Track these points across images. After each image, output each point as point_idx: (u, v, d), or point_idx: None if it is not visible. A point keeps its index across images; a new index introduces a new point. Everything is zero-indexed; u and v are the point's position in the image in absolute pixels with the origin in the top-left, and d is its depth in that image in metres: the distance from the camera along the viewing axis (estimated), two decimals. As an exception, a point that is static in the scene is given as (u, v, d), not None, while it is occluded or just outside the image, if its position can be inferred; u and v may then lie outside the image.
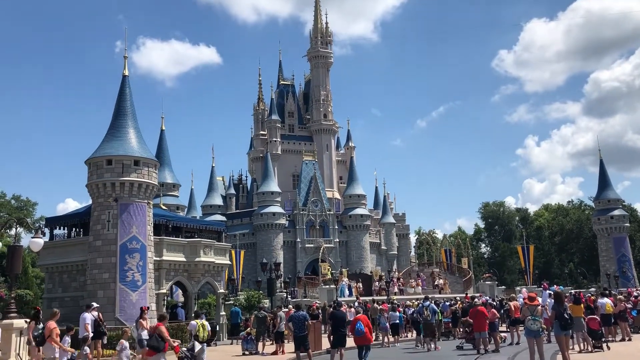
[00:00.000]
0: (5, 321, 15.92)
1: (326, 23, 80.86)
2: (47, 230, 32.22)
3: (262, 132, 78.37)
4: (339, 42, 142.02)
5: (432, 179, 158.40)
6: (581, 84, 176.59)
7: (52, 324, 14.70)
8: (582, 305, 18.99)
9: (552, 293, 23.15)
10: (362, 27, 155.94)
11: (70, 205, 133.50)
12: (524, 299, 17.51)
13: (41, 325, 15.30)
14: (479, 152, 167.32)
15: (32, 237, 18.24)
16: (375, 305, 28.10)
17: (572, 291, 37.74)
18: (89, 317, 18.34)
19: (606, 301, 21.05)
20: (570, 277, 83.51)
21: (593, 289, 45.28)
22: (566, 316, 14.13)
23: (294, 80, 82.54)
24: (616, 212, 61.14)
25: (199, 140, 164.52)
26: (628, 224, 62.61)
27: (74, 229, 32.01)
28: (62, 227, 32.35)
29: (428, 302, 23.28)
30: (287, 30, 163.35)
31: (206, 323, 16.98)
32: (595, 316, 19.15)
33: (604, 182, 63.41)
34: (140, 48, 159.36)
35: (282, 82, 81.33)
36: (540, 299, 21.97)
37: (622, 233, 60.81)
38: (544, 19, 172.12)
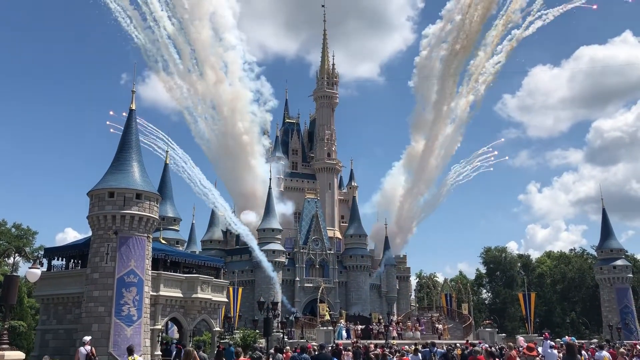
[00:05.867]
0: (-4, 353, 15.66)
1: (333, 64, 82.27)
2: (45, 261, 32.08)
3: (265, 169, 78.69)
4: (344, 84, 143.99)
5: (434, 221, 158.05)
6: (584, 132, 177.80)
7: None
8: (582, 358, 18.55)
9: (554, 344, 22.74)
10: (367, 69, 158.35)
11: (70, 235, 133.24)
12: (522, 348, 17.17)
13: None
14: (480, 196, 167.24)
15: (30, 268, 18.08)
16: (378, 350, 27.58)
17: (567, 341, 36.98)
18: (83, 351, 18.10)
19: (604, 354, 20.49)
20: (572, 327, 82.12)
21: (595, 340, 44.48)
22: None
23: (299, 118, 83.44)
24: (619, 262, 60.61)
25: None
26: (631, 275, 61.95)
27: (72, 260, 31.87)
28: (60, 258, 32.22)
29: (436, 349, 22.84)
30: (292, 70, 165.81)
31: (139, 359, 16.51)
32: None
33: (606, 231, 63.11)
34: (146, 80, 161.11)
35: (287, 120, 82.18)
36: (540, 349, 21.58)
37: (624, 284, 60.15)
38: (548, 65, 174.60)
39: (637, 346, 30.39)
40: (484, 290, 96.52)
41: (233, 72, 68.81)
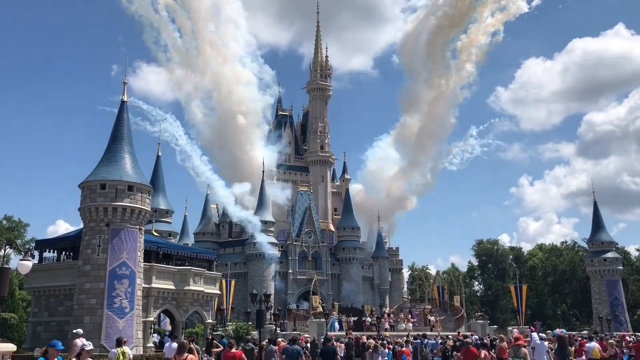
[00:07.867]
0: (-13, 345, 15.61)
1: (326, 56, 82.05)
2: (36, 253, 31.98)
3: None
4: (337, 76, 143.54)
5: (426, 214, 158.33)
6: (576, 125, 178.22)
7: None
8: (572, 348, 18.74)
9: (543, 336, 22.92)
10: (361, 61, 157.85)
11: (61, 227, 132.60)
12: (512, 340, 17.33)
13: None
14: (472, 188, 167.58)
15: (21, 260, 18.02)
16: (371, 340, 27.75)
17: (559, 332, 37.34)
18: (79, 342, 18.05)
19: (593, 345, 20.64)
20: (563, 319, 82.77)
21: (585, 332, 44.89)
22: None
23: (292, 111, 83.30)
24: (609, 255, 61.09)
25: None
26: (621, 267, 62.48)
27: (64, 252, 31.79)
28: (52, 250, 32.12)
29: (427, 340, 23.05)
30: (285, 62, 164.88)
31: (128, 351, 16.47)
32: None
33: (597, 224, 63.55)
34: (137, 71, 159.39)
35: (280, 112, 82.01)
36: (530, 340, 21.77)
37: (615, 276, 60.66)
38: (541, 58, 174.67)
39: (626, 337, 30.72)
40: (476, 283, 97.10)
41: (233, 50, 68.66)
